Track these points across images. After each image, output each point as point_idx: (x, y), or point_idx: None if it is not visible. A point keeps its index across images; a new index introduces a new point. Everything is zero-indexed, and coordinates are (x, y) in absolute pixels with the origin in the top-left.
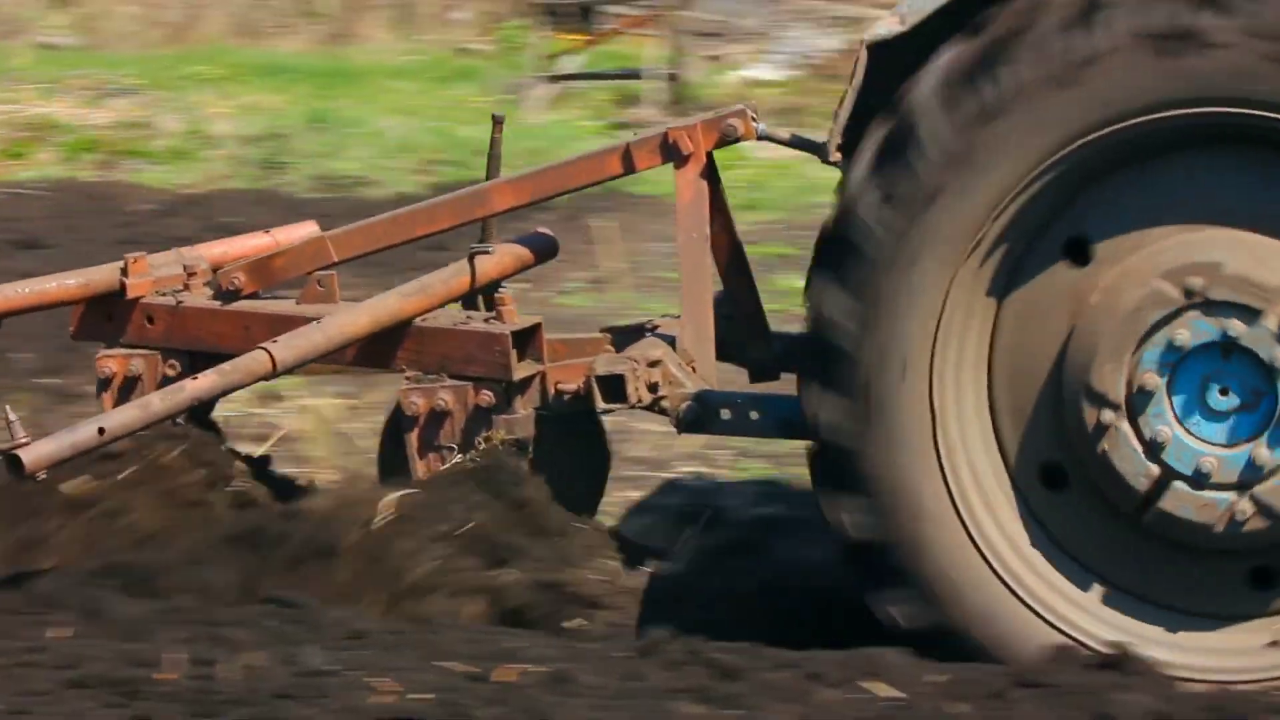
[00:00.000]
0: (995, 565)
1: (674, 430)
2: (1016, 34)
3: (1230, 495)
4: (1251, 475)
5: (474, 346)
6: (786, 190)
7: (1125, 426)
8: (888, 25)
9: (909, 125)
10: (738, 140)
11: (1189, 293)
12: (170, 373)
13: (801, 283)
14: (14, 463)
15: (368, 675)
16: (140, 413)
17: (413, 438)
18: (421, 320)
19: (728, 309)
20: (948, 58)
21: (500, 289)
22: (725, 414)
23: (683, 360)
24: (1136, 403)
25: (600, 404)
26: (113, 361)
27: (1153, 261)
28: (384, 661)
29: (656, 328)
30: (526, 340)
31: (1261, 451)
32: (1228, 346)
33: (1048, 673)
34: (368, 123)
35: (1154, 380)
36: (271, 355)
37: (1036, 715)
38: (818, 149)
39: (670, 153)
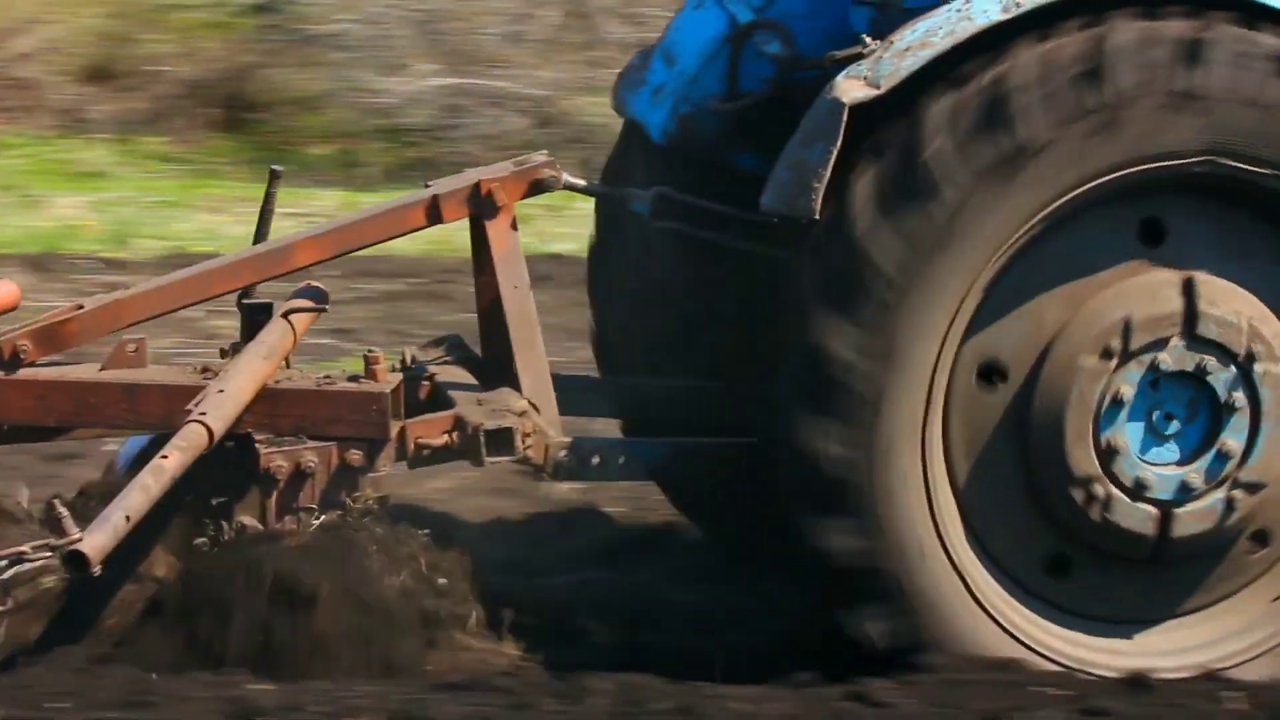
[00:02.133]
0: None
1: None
2: (1024, 88)
3: (1219, 493)
4: (1222, 467)
5: (345, 407)
6: None
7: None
8: (862, 89)
9: (924, 173)
10: (548, 190)
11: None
12: None
13: None
14: (79, 559)
15: None
16: (144, 495)
17: (272, 500)
18: (274, 383)
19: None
20: (949, 110)
21: (371, 350)
22: (595, 460)
23: None
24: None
25: (485, 458)
26: None
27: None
28: None
29: (419, 363)
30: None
31: (1225, 443)
32: (1154, 380)
33: None
34: None
35: (1120, 438)
36: (207, 426)
37: None
38: (621, 196)
39: (482, 204)
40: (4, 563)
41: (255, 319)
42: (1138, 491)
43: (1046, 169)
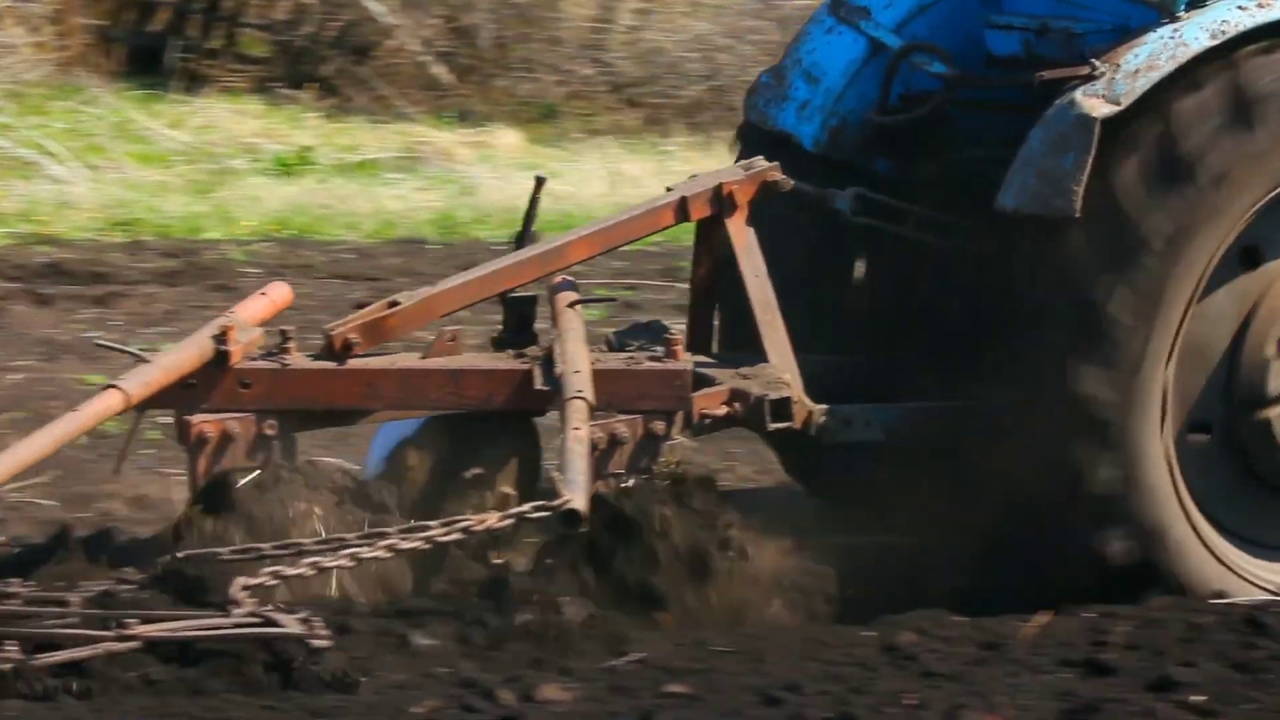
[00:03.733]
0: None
1: None
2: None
3: None
4: None
5: (652, 383)
6: None
7: None
8: (1106, 106)
9: (1183, 162)
10: (777, 191)
11: None
12: (270, 432)
13: None
14: (573, 517)
15: None
16: (582, 459)
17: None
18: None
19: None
20: (1196, 112)
21: (670, 332)
22: (849, 423)
23: None
24: None
25: (769, 425)
26: (209, 425)
27: None
28: None
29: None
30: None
31: None
32: None
33: None
34: None
35: None
36: (587, 400)
37: None
38: (822, 196)
39: (723, 204)
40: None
41: (521, 310)
42: None
43: None
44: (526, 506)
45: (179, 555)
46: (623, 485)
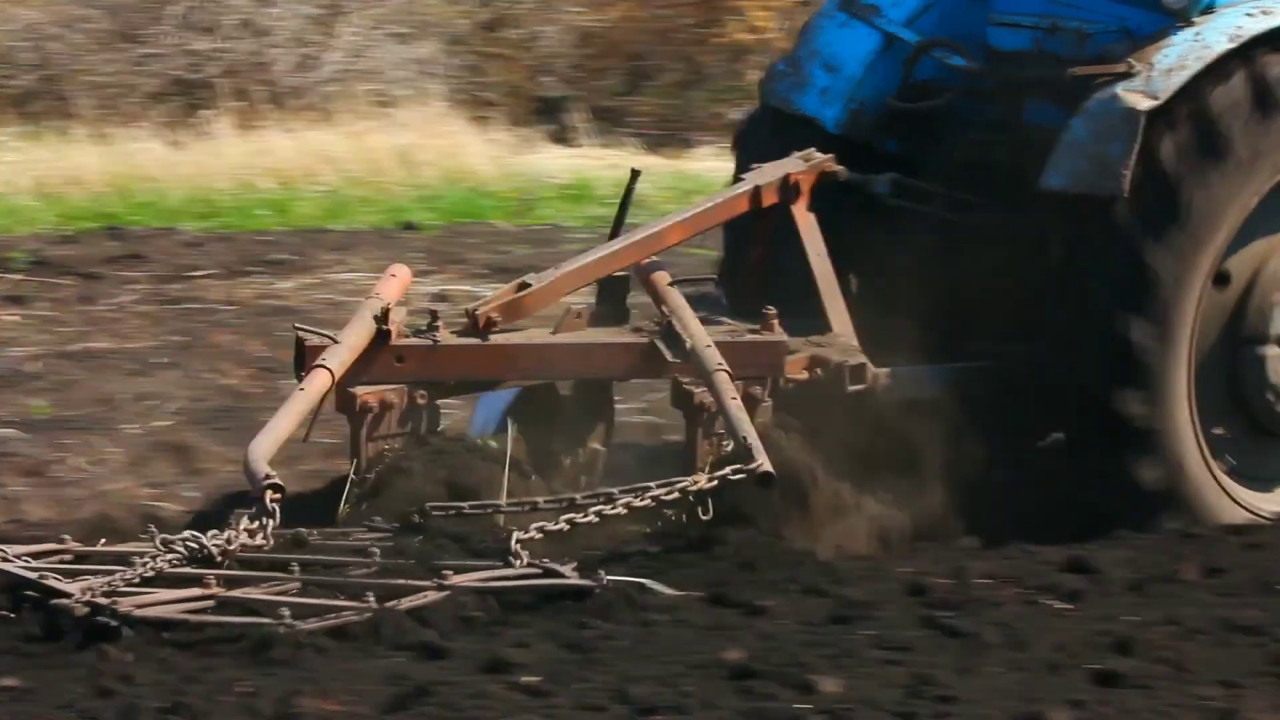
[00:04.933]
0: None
1: None
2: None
3: None
4: None
5: (755, 353)
6: None
7: None
8: (1147, 100)
9: (1219, 142)
10: (835, 180)
11: None
12: (421, 401)
13: None
14: (768, 478)
15: None
16: (745, 421)
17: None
18: None
19: None
20: (1227, 101)
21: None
22: (907, 383)
23: None
24: None
25: (849, 387)
26: (371, 396)
27: None
28: None
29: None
30: None
31: None
32: None
33: None
34: None
35: None
36: (727, 371)
37: None
38: (865, 182)
39: (789, 192)
40: (695, 482)
41: (614, 287)
42: None
43: None
44: (727, 470)
45: (430, 508)
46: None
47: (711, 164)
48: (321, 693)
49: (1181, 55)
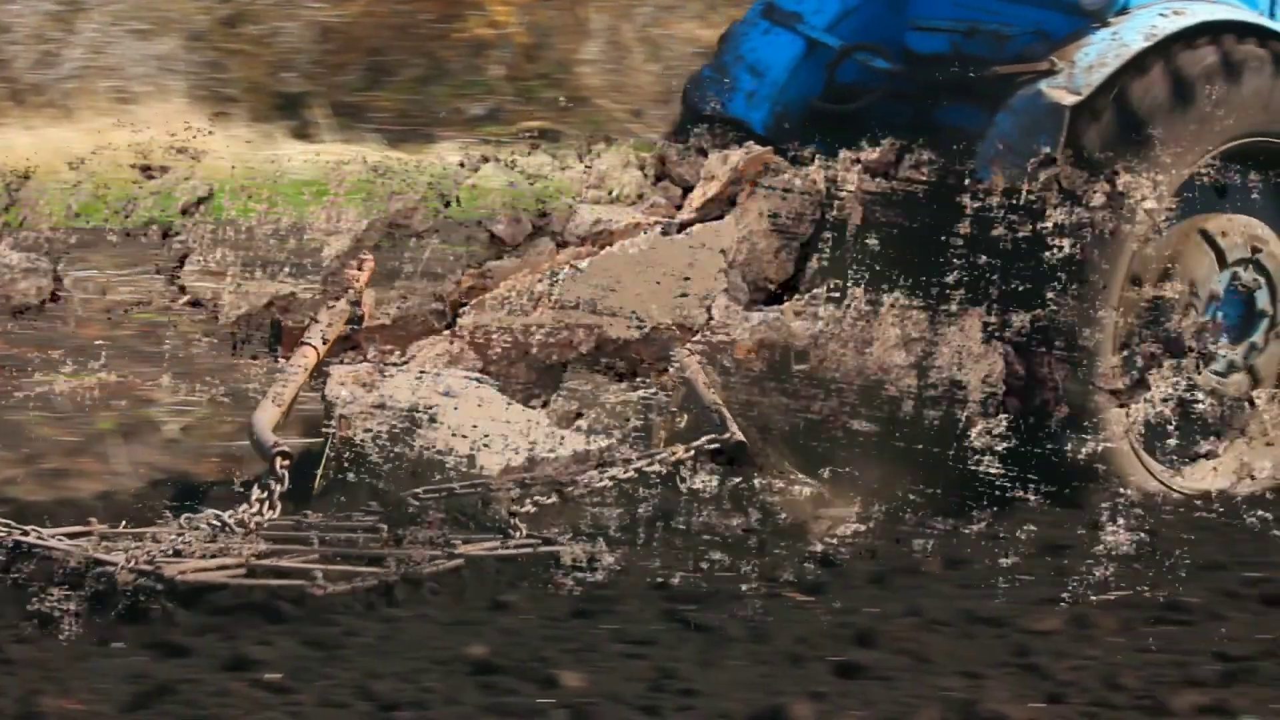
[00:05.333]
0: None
1: None
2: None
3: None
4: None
5: None
6: None
7: None
8: (1070, 96)
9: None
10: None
11: None
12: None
13: None
14: (741, 448)
15: None
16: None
17: None
18: None
19: None
20: (1143, 92)
21: None
22: None
23: None
24: None
25: None
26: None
27: None
28: None
29: None
30: None
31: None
32: None
33: None
34: None
35: None
36: None
37: None
38: None
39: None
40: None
41: None
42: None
43: (1212, 123)
44: (702, 440)
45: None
46: None
47: (454, 159)
48: (63, 692)
49: (1101, 53)
